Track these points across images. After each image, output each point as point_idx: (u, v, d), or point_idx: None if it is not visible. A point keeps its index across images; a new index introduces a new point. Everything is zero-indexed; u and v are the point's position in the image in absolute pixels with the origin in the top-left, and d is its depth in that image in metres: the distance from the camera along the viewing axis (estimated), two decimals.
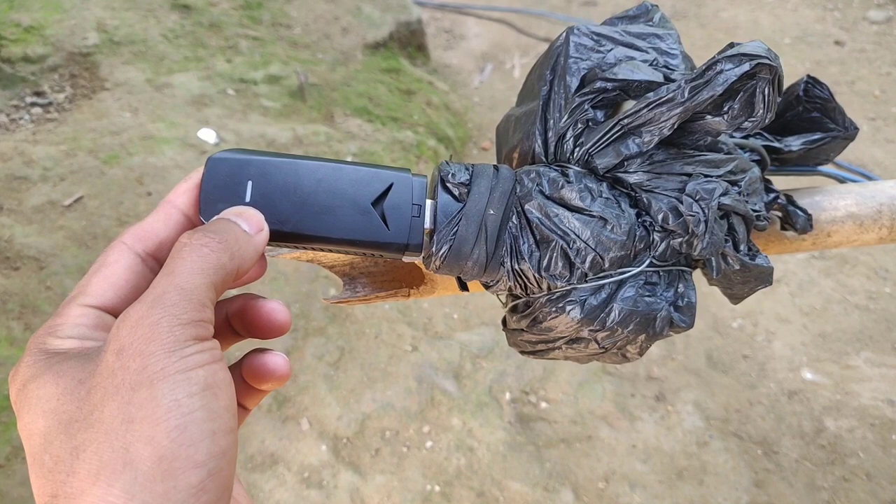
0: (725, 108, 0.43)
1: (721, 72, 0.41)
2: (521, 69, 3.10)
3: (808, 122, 0.65)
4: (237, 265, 0.34)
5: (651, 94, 0.43)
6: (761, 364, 1.82)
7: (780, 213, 0.60)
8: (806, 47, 3.13)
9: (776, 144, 0.62)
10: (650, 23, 0.55)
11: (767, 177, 0.61)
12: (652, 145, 0.44)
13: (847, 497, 1.53)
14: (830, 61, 3.03)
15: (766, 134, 0.64)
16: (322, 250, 0.42)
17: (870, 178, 0.69)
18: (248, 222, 0.36)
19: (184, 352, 0.29)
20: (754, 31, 3.22)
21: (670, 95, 0.42)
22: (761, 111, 0.43)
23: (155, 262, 0.36)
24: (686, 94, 0.42)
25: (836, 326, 1.92)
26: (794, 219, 0.59)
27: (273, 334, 0.39)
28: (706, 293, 1.90)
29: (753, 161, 0.59)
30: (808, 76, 0.65)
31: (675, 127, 0.43)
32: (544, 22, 3.40)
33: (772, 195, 0.58)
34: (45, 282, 1.60)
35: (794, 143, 0.63)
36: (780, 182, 0.63)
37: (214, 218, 0.36)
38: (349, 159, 2.10)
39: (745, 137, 0.59)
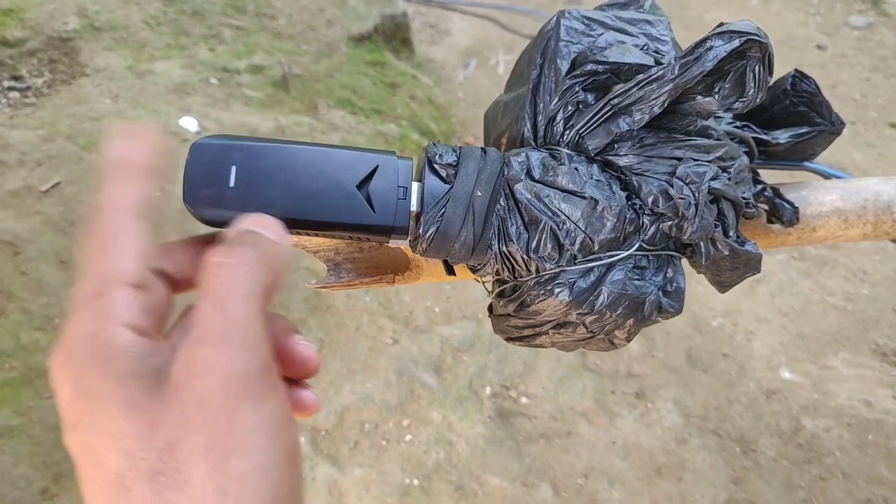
0: (716, 88, 0.43)
1: (711, 48, 0.41)
2: (505, 65, 3.10)
3: (795, 115, 0.65)
4: (275, 280, 0.32)
5: (641, 74, 0.43)
6: (740, 363, 1.83)
7: (766, 206, 0.60)
8: (788, 51, 3.16)
9: (764, 137, 0.62)
10: (641, 9, 0.55)
11: (754, 169, 0.61)
12: (642, 124, 0.44)
13: (823, 495, 1.55)
14: (812, 65, 3.06)
15: (753, 126, 0.64)
16: (307, 235, 0.41)
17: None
18: (270, 230, 0.34)
19: (266, 408, 0.28)
20: None
21: (661, 73, 0.42)
22: (752, 90, 0.42)
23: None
24: (676, 71, 0.42)
25: (814, 327, 1.94)
26: (780, 211, 0.59)
27: (296, 376, 0.37)
28: (686, 292, 1.91)
29: (742, 152, 0.58)
30: (796, 70, 0.65)
31: (666, 106, 0.43)
32: (529, 19, 3.40)
33: (759, 186, 0.58)
34: (20, 267, 1.57)
35: (782, 137, 0.63)
36: (765, 176, 0.63)
37: (235, 230, 0.34)
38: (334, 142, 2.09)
39: (735, 128, 0.59)
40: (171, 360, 0.29)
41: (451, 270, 0.50)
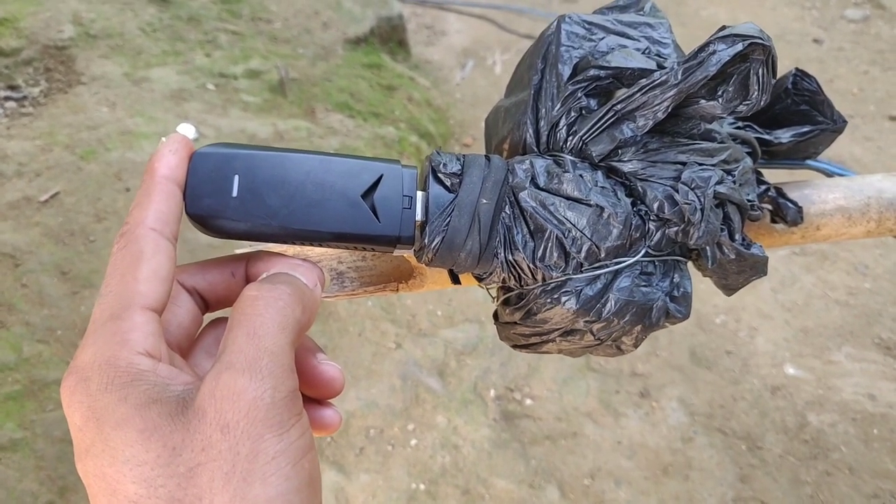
0: (720, 92, 0.42)
1: (714, 52, 0.41)
2: (502, 66, 3.09)
3: (796, 114, 0.65)
4: (307, 319, 0.32)
5: (644, 79, 0.43)
6: (744, 360, 1.83)
7: (770, 206, 0.60)
8: (785, 45, 3.16)
9: (766, 136, 0.62)
10: (641, 12, 0.55)
11: (757, 169, 0.60)
12: (646, 129, 0.43)
13: (830, 491, 1.54)
14: (809, 59, 3.06)
15: (756, 126, 0.64)
16: (310, 245, 0.41)
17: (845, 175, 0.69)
18: (306, 276, 0.35)
19: (290, 435, 0.28)
20: None
21: (664, 78, 0.42)
22: (756, 93, 0.42)
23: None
24: (679, 76, 0.41)
25: (817, 322, 1.93)
26: (784, 211, 0.58)
27: (320, 396, 0.37)
28: None
29: (745, 153, 0.58)
30: (797, 69, 0.65)
31: (669, 110, 0.43)
32: (525, 19, 3.40)
33: (763, 187, 0.58)
34: (20, 279, 1.57)
35: (784, 136, 0.63)
36: (767, 176, 0.62)
37: (272, 271, 0.36)
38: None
39: (738, 128, 0.59)
40: (193, 386, 0.29)
41: (456, 279, 0.49)
